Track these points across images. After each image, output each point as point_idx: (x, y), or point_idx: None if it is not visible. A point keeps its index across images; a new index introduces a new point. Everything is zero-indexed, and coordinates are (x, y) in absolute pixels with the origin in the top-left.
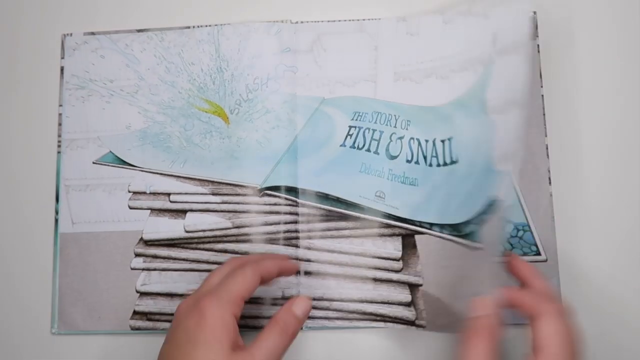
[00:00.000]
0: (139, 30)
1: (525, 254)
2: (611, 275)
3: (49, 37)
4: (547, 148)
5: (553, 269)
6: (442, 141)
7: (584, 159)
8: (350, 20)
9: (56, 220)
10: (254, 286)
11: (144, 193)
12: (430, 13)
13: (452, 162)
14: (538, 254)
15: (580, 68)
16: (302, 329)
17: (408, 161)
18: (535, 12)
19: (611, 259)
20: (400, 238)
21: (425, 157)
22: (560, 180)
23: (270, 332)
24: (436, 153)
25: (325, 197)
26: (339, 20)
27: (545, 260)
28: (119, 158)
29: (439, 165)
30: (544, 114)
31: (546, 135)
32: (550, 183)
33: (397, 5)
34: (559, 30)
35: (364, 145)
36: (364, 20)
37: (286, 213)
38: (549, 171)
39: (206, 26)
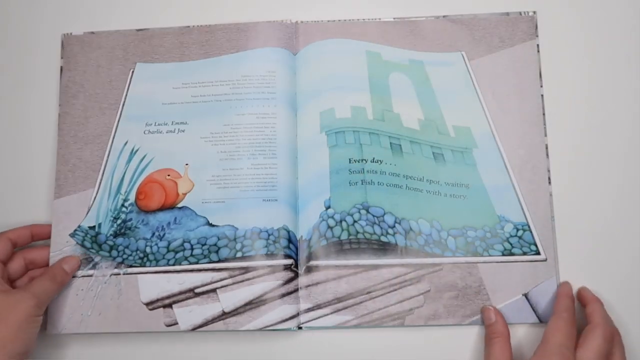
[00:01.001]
0: (139, 30)
1: (525, 253)
2: (610, 275)
3: (49, 37)
4: (547, 148)
5: (552, 268)
6: None
7: (584, 159)
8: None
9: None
10: (2, 247)
11: None
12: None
13: None
14: (538, 253)
15: (579, 68)
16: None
17: None
18: (535, 12)
19: (611, 259)
20: None
21: None
22: (560, 180)
23: (41, 278)
24: None
25: None
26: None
27: (545, 260)
28: None
29: None
30: (544, 114)
31: (546, 135)
32: (550, 183)
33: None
34: (559, 30)
35: None
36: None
37: None
38: (549, 171)
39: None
